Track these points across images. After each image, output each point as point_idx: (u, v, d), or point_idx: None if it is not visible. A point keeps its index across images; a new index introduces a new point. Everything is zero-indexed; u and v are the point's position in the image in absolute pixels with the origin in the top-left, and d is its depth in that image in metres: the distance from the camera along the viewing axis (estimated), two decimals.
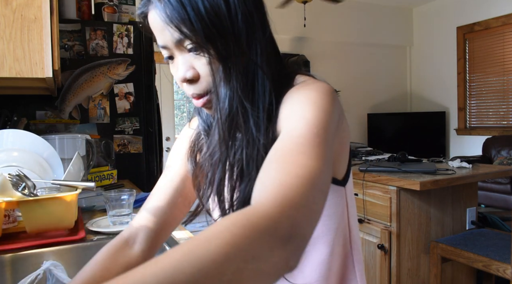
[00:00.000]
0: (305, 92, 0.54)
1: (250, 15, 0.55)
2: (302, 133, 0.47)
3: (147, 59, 2.07)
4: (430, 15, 5.60)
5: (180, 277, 0.27)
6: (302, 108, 0.51)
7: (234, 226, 0.32)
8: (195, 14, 0.52)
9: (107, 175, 1.71)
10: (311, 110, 0.50)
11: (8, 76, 1.06)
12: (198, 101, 0.59)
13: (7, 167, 1.11)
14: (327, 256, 0.62)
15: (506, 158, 4.18)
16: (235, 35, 0.54)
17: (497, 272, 1.70)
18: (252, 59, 0.56)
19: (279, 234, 0.34)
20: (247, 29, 0.55)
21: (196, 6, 0.52)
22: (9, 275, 0.89)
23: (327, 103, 0.51)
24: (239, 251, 0.31)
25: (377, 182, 2.01)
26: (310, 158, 0.43)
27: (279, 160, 0.44)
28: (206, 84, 0.57)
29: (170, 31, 0.54)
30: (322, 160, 0.44)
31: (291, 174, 0.40)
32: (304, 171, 0.41)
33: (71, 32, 1.91)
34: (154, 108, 2.12)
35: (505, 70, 4.78)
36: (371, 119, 5.50)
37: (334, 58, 5.38)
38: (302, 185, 0.39)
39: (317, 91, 0.53)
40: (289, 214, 0.36)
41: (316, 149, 0.45)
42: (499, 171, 2.19)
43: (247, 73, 0.56)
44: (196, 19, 0.52)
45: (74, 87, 1.92)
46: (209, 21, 0.52)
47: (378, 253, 1.98)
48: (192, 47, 0.54)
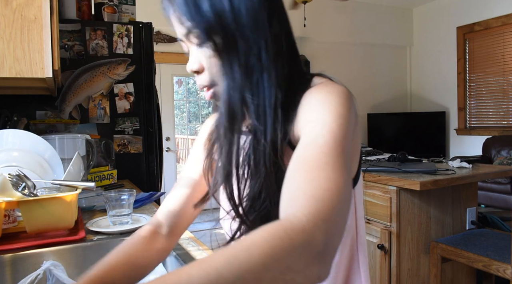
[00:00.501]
0: (325, 96, 0.54)
1: (255, 12, 0.56)
2: (326, 141, 0.48)
3: (147, 59, 2.07)
4: (430, 15, 5.60)
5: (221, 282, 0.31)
6: (324, 113, 0.51)
7: (273, 239, 0.35)
8: (196, 10, 0.54)
9: (107, 175, 1.71)
10: (332, 116, 0.50)
11: (8, 76, 1.06)
12: (206, 93, 0.62)
13: (7, 167, 1.11)
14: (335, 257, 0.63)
15: (506, 158, 4.18)
16: (237, 31, 0.55)
17: (497, 272, 1.70)
18: (255, 55, 0.56)
19: (314, 249, 0.36)
20: (251, 26, 0.56)
21: (199, 2, 0.54)
22: (9, 275, 0.89)
23: (346, 109, 0.52)
24: (276, 262, 0.33)
25: (377, 182, 2.01)
26: (335, 170, 0.45)
27: (307, 169, 0.45)
28: (209, 76, 0.59)
29: (179, 26, 0.58)
30: (344, 171, 0.46)
31: (321, 187, 0.42)
32: (331, 185, 0.43)
33: (71, 32, 1.91)
34: (154, 108, 2.11)
35: (505, 70, 4.78)
36: (371, 119, 5.50)
37: (334, 58, 5.38)
38: (331, 199, 0.41)
39: (337, 95, 0.53)
40: (323, 229, 0.38)
41: (339, 159, 0.46)
42: (499, 171, 2.19)
43: (248, 68, 0.56)
44: (197, 14, 0.54)
45: (74, 87, 1.92)
46: (209, 17, 0.54)
47: (378, 253, 1.98)
48: (196, 41, 0.57)
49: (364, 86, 5.56)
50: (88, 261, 0.96)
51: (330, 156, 0.46)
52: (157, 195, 1.50)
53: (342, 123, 0.50)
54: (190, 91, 5.69)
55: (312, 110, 0.53)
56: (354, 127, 0.55)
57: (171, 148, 4.86)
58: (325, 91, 0.55)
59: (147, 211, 1.30)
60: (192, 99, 6.74)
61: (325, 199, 0.41)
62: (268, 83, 0.57)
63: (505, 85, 4.82)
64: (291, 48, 0.62)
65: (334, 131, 0.49)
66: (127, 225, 1.08)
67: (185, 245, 0.96)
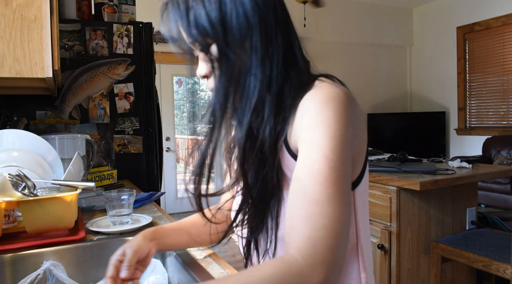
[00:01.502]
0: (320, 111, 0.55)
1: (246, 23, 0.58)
2: (320, 169, 0.51)
3: (147, 59, 2.07)
4: (430, 15, 5.60)
5: None
6: (319, 135, 0.54)
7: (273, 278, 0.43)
8: (194, 20, 0.58)
9: (107, 175, 1.71)
10: (326, 139, 0.53)
11: (8, 76, 1.06)
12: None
13: (7, 167, 1.11)
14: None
15: (506, 158, 4.18)
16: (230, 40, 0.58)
17: (497, 272, 1.70)
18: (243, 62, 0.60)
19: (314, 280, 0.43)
20: (241, 36, 0.59)
21: (195, 14, 0.58)
22: (9, 275, 0.89)
23: (341, 125, 0.54)
24: None
25: (377, 182, 2.01)
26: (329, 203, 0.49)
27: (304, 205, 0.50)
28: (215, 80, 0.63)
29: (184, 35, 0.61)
30: (341, 199, 0.50)
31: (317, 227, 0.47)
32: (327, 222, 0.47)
33: (71, 32, 1.91)
34: (154, 108, 2.11)
35: (505, 70, 4.78)
36: (371, 119, 5.49)
37: (334, 58, 5.38)
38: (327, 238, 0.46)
39: (332, 109, 0.55)
40: (319, 270, 0.44)
41: (333, 189, 0.50)
42: (499, 171, 2.19)
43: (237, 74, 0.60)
44: (193, 26, 0.58)
45: (74, 87, 1.92)
46: (203, 28, 0.58)
47: (378, 253, 1.98)
48: (199, 49, 0.61)
49: (364, 86, 5.56)
50: (88, 261, 0.96)
51: (324, 187, 0.50)
52: (157, 195, 1.50)
53: (336, 145, 0.53)
54: (190, 91, 5.70)
55: (307, 128, 0.56)
56: (354, 135, 0.57)
57: (171, 148, 4.86)
58: (320, 103, 0.56)
59: (147, 211, 1.30)
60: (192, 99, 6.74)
61: (322, 240, 0.46)
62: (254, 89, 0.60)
63: (505, 85, 4.82)
64: (290, 52, 0.65)
65: (328, 156, 0.52)
66: (127, 225, 1.08)
67: None
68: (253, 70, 0.60)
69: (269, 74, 0.60)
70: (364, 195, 0.67)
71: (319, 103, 0.56)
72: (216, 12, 0.57)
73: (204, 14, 0.57)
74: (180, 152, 8.03)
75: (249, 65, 0.60)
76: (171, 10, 0.60)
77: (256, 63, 0.60)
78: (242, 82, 0.60)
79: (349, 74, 5.44)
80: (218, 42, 0.58)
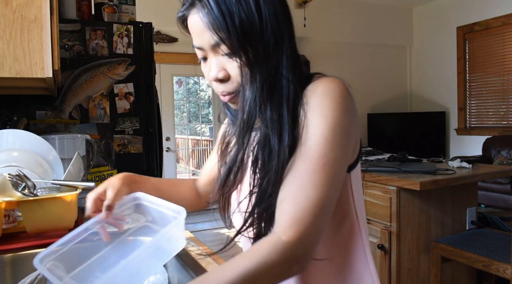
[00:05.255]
0: (320, 101, 0.61)
1: (278, 27, 0.63)
2: (311, 157, 0.57)
3: (147, 59, 2.07)
4: (430, 15, 5.60)
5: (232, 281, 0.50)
6: (316, 123, 0.59)
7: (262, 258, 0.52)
8: (232, 24, 0.59)
9: (107, 175, 1.71)
10: (321, 127, 0.59)
11: (8, 76, 1.06)
12: (225, 98, 0.67)
13: (7, 167, 1.11)
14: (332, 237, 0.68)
15: (506, 158, 4.18)
16: (263, 45, 0.61)
17: (497, 272, 1.70)
18: (276, 66, 0.63)
19: (293, 258, 0.53)
20: (275, 39, 0.62)
21: (234, 17, 0.59)
22: (9, 275, 0.89)
23: (338, 115, 0.59)
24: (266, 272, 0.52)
25: (377, 182, 2.01)
26: (315, 187, 0.56)
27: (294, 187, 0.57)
28: (236, 84, 0.64)
29: (209, 35, 0.61)
30: (328, 183, 0.57)
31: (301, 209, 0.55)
32: (309, 204, 0.55)
33: (71, 32, 1.91)
34: (154, 108, 2.11)
35: (505, 70, 4.78)
36: (371, 119, 5.49)
37: (334, 58, 5.38)
38: (308, 219, 0.54)
39: (330, 99, 0.60)
40: (302, 243, 0.53)
41: (320, 174, 0.57)
42: (499, 171, 2.19)
43: (271, 79, 0.62)
44: (233, 29, 0.59)
45: (74, 87, 1.92)
46: (242, 31, 0.60)
47: (378, 253, 1.98)
48: (227, 52, 0.61)
49: (364, 86, 5.56)
50: None
51: (312, 173, 0.56)
52: None
53: (331, 133, 0.58)
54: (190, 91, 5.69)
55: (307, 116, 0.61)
56: (351, 121, 0.62)
57: (171, 148, 4.86)
58: (320, 94, 0.61)
59: None
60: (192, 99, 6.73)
61: (303, 220, 0.54)
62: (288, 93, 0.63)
63: (505, 85, 4.82)
64: (297, 54, 0.68)
65: (320, 144, 0.58)
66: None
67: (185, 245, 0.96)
68: (285, 73, 0.63)
69: (298, 76, 0.65)
70: (358, 178, 0.72)
71: (319, 94, 0.61)
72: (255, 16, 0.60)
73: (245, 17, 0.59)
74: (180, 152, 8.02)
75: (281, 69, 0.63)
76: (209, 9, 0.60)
77: (287, 65, 0.63)
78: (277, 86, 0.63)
79: (349, 74, 5.44)
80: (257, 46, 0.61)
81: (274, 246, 0.52)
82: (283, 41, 0.63)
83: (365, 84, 5.56)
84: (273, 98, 0.63)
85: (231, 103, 0.69)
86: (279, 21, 0.63)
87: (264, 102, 0.62)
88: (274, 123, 0.62)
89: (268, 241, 0.53)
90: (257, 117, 0.63)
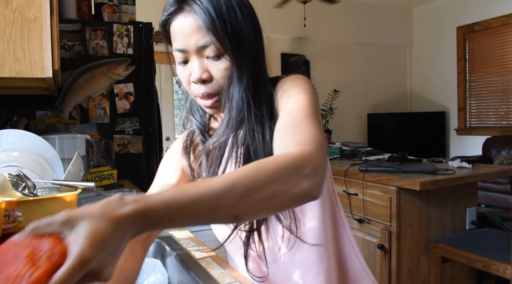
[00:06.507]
0: (293, 81, 0.71)
1: (257, 33, 0.71)
2: (299, 108, 0.64)
3: (147, 59, 2.07)
4: (430, 15, 5.60)
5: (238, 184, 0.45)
6: (294, 92, 0.67)
7: (273, 162, 0.50)
8: (224, 27, 0.65)
9: (107, 175, 1.71)
10: (301, 93, 0.67)
11: (8, 76, 1.06)
12: (207, 101, 0.70)
13: (7, 167, 1.11)
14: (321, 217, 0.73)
15: (506, 158, 4.18)
16: (249, 48, 0.68)
17: (497, 272, 1.70)
18: (258, 68, 0.70)
19: (304, 171, 0.50)
20: (257, 43, 0.70)
21: (226, 21, 0.65)
22: None
23: (309, 87, 0.69)
24: (277, 176, 0.48)
25: (377, 182, 2.01)
26: (311, 124, 0.60)
27: (290, 129, 0.60)
28: (217, 85, 0.68)
29: (197, 37, 0.65)
30: (320, 126, 0.61)
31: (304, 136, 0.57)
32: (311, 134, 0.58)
33: (71, 32, 1.91)
34: (154, 108, 2.12)
35: (505, 70, 4.78)
36: (371, 119, 5.49)
37: (334, 58, 5.38)
38: (312, 142, 0.56)
39: (300, 79, 0.71)
40: (308, 159, 0.52)
41: (311, 118, 0.62)
42: (499, 171, 2.19)
43: (255, 79, 0.69)
44: (225, 31, 0.65)
45: (74, 87, 1.92)
46: (233, 34, 0.66)
47: (378, 253, 1.98)
48: (212, 54, 0.66)
49: (364, 86, 5.56)
50: None
51: (304, 117, 0.61)
52: None
53: (309, 97, 0.66)
54: None
55: (287, 94, 0.68)
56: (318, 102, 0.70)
57: None
58: (291, 79, 0.72)
59: None
60: None
61: (308, 143, 0.55)
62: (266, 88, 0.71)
63: (505, 85, 4.82)
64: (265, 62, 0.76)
65: (303, 100, 0.65)
66: None
67: (185, 245, 0.96)
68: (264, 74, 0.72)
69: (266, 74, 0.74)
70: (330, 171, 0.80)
71: (289, 82, 0.71)
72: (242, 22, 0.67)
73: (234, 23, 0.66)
74: None
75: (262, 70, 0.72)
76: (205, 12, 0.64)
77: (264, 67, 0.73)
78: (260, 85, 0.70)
79: (349, 74, 5.45)
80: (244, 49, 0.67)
81: (282, 156, 0.51)
82: (261, 46, 0.72)
83: (365, 84, 5.56)
84: (257, 96, 0.69)
85: (211, 109, 0.72)
86: (256, 28, 0.71)
87: (250, 99, 0.68)
88: (257, 120, 0.68)
89: (274, 156, 0.53)
90: (246, 111, 0.68)
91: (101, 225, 0.36)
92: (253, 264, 0.76)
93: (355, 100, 5.42)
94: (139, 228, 0.39)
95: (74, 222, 0.36)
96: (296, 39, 5.04)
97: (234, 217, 0.46)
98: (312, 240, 0.72)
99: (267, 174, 0.48)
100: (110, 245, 0.36)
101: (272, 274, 0.76)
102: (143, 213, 0.39)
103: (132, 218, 0.38)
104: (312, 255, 0.72)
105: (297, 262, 0.73)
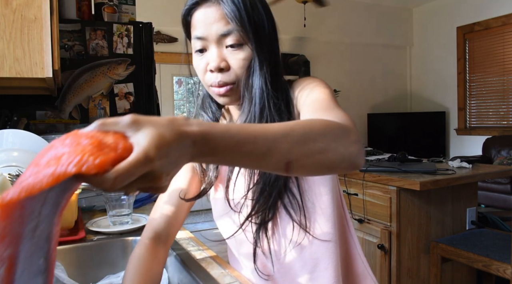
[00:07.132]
0: (311, 79, 0.74)
1: (274, 28, 0.74)
2: (326, 98, 0.66)
3: (147, 59, 2.06)
4: (430, 15, 5.60)
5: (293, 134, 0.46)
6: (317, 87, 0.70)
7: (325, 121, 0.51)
8: (248, 17, 0.67)
9: None
10: (323, 88, 0.70)
11: (8, 76, 1.06)
12: (220, 89, 0.70)
13: (7, 167, 1.11)
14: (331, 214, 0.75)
15: (506, 158, 4.18)
16: (270, 40, 0.71)
17: (497, 272, 1.70)
18: (276, 59, 0.72)
19: (351, 137, 0.52)
20: (274, 37, 0.73)
21: (249, 12, 0.68)
22: None
23: (328, 85, 0.72)
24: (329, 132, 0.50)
25: (377, 182, 2.01)
26: (339, 109, 0.61)
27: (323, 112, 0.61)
28: (234, 75, 0.69)
29: (220, 25, 0.67)
30: (344, 111, 0.61)
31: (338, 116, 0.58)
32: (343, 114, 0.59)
33: (71, 32, 1.91)
34: (154, 108, 2.11)
35: (505, 70, 4.78)
36: (371, 119, 5.49)
37: (334, 58, 5.38)
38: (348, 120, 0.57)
39: (317, 79, 0.74)
40: (353, 130, 0.53)
41: (337, 105, 0.64)
42: (499, 171, 2.19)
43: (274, 70, 0.71)
44: (248, 21, 0.67)
45: (74, 87, 1.92)
46: (255, 25, 0.68)
47: (378, 253, 1.98)
48: (233, 42, 0.67)
49: (364, 86, 5.56)
50: (88, 261, 0.96)
51: (332, 104, 0.63)
52: (157, 195, 1.50)
53: (330, 91, 0.69)
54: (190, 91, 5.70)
55: (306, 87, 0.71)
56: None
57: None
58: (307, 78, 0.74)
59: (147, 211, 1.30)
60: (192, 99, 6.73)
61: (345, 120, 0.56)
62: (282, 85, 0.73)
63: (505, 85, 4.82)
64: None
65: (327, 92, 0.68)
66: (127, 225, 1.08)
67: (185, 245, 0.96)
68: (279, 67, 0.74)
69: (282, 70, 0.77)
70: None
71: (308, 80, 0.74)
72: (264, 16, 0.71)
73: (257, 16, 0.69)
74: None
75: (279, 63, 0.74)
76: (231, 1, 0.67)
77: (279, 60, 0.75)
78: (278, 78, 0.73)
79: (349, 74, 5.44)
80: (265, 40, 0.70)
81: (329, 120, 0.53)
82: (277, 43, 0.74)
83: (365, 84, 5.56)
84: (275, 89, 0.70)
85: (224, 97, 0.71)
86: (274, 25, 0.74)
87: (270, 91, 0.69)
88: (277, 111, 0.69)
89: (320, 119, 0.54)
90: (265, 104, 0.69)
91: (166, 132, 0.37)
92: (259, 259, 0.76)
93: (355, 100, 5.42)
94: (197, 152, 0.40)
95: (141, 125, 0.37)
96: (296, 39, 5.04)
97: (286, 164, 0.46)
98: (322, 236, 0.74)
99: (321, 129, 0.49)
100: (172, 154, 0.37)
101: (279, 269, 0.76)
102: (205, 136, 0.40)
103: (194, 137, 0.39)
104: (322, 250, 0.74)
105: (306, 257, 0.74)
